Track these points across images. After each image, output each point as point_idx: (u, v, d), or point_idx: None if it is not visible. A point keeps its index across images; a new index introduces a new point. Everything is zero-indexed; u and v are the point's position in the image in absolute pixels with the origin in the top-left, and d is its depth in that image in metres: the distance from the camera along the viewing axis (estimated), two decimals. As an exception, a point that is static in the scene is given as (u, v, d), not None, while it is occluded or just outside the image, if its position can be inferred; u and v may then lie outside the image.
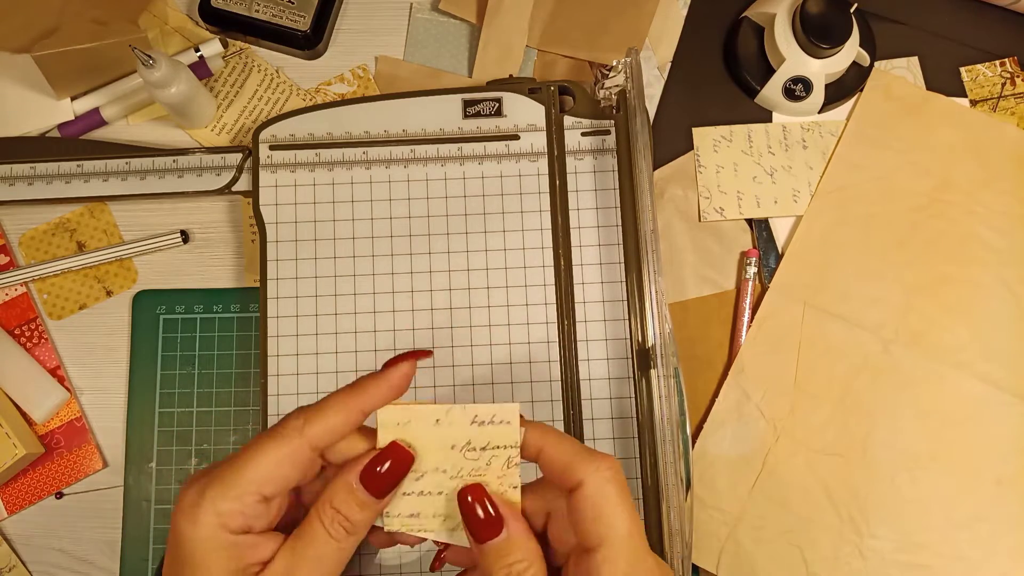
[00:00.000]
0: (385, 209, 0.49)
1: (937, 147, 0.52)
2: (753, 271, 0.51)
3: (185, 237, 0.52)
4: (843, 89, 0.53)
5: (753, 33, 0.54)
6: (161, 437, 0.49)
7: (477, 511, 0.32)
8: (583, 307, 0.48)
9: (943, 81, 0.54)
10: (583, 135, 0.50)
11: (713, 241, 0.52)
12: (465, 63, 0.55)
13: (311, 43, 0.54)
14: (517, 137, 0.50)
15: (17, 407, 0.50)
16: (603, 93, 0.50)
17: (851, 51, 0.51)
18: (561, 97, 0.51)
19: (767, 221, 0.52)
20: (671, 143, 0.53)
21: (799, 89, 0.52)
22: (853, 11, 0.50)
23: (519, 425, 0.32)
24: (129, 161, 0.51)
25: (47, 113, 0.53)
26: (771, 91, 0.52)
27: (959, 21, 0.55)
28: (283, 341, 0.47)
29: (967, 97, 0.54)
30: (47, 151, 0.52)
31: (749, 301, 0.51)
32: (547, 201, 0.49)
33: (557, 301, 0.48)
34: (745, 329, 0.50)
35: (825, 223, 0.52)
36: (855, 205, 0.52)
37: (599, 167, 0.50)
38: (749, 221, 0.52)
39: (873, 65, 0.53)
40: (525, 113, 0.50)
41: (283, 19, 0.53)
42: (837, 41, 0.50)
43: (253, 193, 0.49)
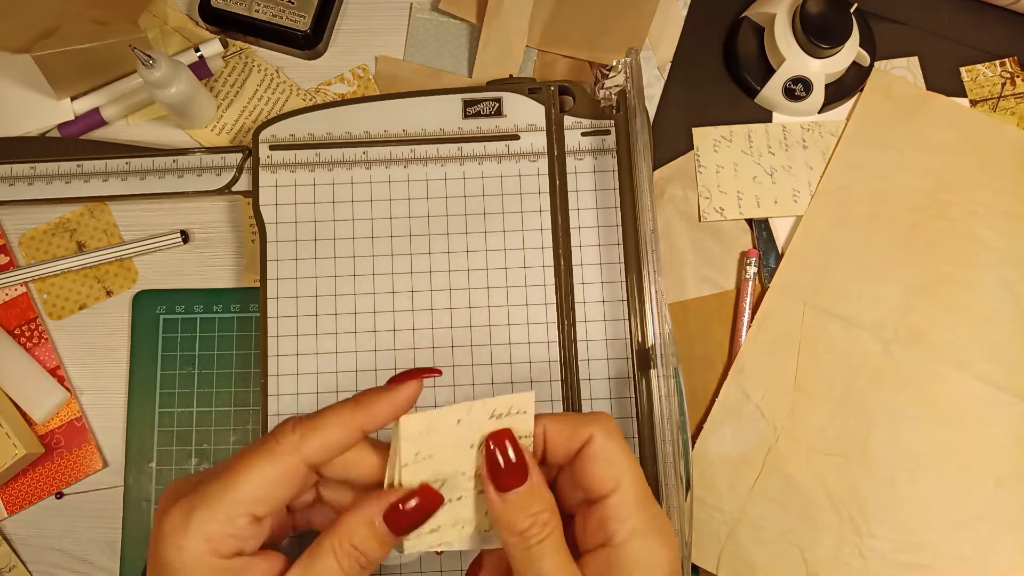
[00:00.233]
0: (385, 209, 0.49)
1: (937, 147, 0.52)
2: (753, 271, 0.51)
3: (185, 237, 0.52)
4: (843, 89, 0.53)
5: (753, 33, 0.54)
6: (161, 437, 0.49)
7: (507, 455, 0.31)
8: (583, 307, 0.48)
9: (943, 81, 0.54)
10: (583, 135, 0.50)
11: (713, 241, 0.52)
12: (465, 63, 0.55)
13: (311, 43, 0.54)
14: (517, 137, 0.50)
15: (17, 407, 0.50)
16: (603, 93, 0.50)
17: (851, 51, 0.51)
18: (561, 97, 0.51)
19: (767, 221, 0.52)
20: (671, 143, 0.53)
21: (799, 89, 0.52)
22: (853, 11, 0.50)
23: (533, 412, 0.32)
24: (129, 161, 0.51)
25: (47, 113, 0.53)
26: (771, 91, 0.52)
27: (959, 21, 0.55)
28: (283, 341, 0.47)
29: (967, 97, 0.54)
30: (47, 151, 0.52)
31: (749, 301, 0.51)
32: (547, 201, 0.49)
33: (557, 301, 0.48)
34: (745, 329, 0.50)
35: (825, 223, 0.52)
36: (855, 205, 0.52)
37: (599, 167, 0.50)
38: (749, 221, 0.52)
39: (873, 65, 0.53)
40: (525, 113, 0.50)
41: (283, 19, 0.53)
42: (837, 41, 0.50)
43: (253, 193, 0.49)
